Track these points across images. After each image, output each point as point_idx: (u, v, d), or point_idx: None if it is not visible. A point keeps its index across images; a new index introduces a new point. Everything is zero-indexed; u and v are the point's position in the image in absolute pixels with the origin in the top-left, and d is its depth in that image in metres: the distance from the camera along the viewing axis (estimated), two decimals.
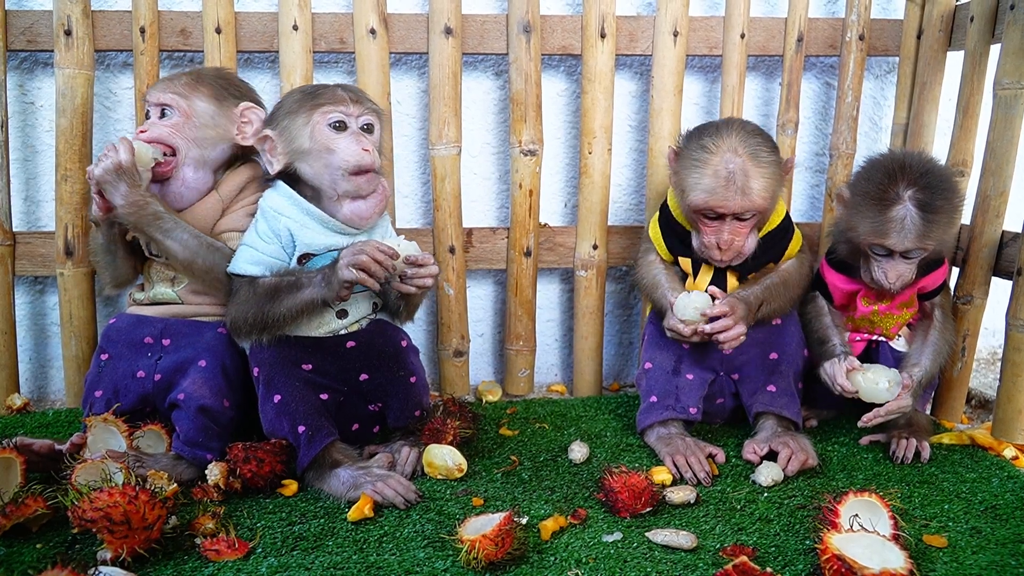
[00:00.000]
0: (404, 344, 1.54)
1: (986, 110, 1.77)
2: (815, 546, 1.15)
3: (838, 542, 1.09)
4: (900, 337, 1.67)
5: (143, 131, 1.47)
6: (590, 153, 1.91)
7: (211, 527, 1.22)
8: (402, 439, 1.52)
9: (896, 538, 1.14)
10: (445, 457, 1.44)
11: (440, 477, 1.44)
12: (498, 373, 2.13)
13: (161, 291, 1.53)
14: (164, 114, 1.49)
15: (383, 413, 1.53)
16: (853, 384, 1.51)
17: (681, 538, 1.21)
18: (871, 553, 1.08)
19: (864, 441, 1.62)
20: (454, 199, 1.90)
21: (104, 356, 1.50)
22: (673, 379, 1.61)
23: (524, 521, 1.26)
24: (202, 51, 1.81)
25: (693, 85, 2.05)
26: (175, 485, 1.27)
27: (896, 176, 1.49)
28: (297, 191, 1.45)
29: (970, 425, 1.82)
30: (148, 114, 1.52)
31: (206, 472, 1.36)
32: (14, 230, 1.84)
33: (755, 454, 1.51)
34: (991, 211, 1.72)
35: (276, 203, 1.45)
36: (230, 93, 1.52)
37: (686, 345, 1.62)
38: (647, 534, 1.23)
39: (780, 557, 1.19)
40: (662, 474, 1.42)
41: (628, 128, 2.06)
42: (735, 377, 1.64)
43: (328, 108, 1.42)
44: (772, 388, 1.59)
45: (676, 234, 1.66)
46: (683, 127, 1.92)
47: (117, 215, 1.42)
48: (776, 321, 1.62)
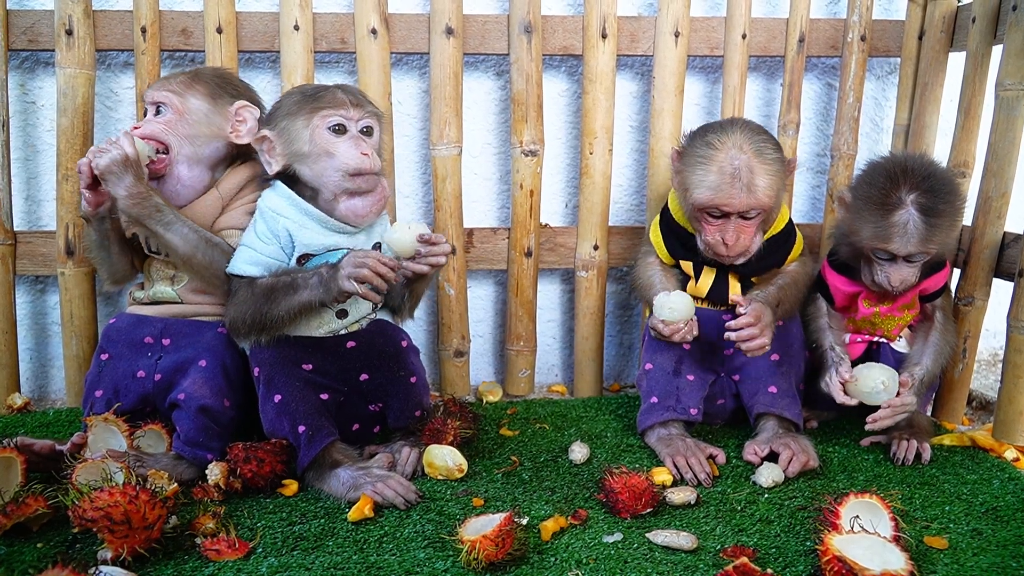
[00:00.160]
0: (404, 344, 1.54)
1: (988, 111, 1.77)
2: (816, 547, 1.15)
3: (839, 543, 1.09)
4: (901, 338, 1.67)
5: (137, 127, 1.48)
6: (591, 153, 1.91)
7: (211, 527, 1.22)
8: (402, 439, 1.52)
9: (897, 539, 1.14)
10: (445, 457, 1.44)
11: (440, 477, 1.44)
12: (499, 373, 2.13)
13: (161, 290, 1.53)
14: (159, 112, 1.49)
15: (383, 413, 1.53)
16: (852, 396, 1.51)
17: (681, 539, 1.21)
18: (872, 554, 1.08)
19: (865, 442, 1.62)
20: (455, 199, 1.90)
21: (104, 356, 1.50)
22: (674, 380, 1.61)
23: (524, 522, 1.26)
24: (203, 51, 1.81)
25: (694, 86, 2.04)
26: (175, 485, 1.27)
27: (898, 180, 1.47)
28: (296, 190, 1.45)
29: (971, 427, 1.82)
30: (146, 112, 1.53)
31: (206, 472, 1.36)
32: (15, 229, 1.84)
33: (756, 455, 1.50)
34: (992, 212, 1.72)
35: (275, 204, 1.44)
36: (226, 92, 1.52)
37: (686, 345, 1.62)
38: (647, 535, 1.23)
39: (781, 558, 1.19)
40: (662, 475, 1.42)
41: (629, 128, 2.06)
42: (736, 378, 1.64)
43: (328, 112, 1.41)
44: (773, 389, 1.59)
45: (678, 237, 1.66)
46: (684, 128, 1.92)
47: (119, 207, 1.41)
48: (779, 322, 1.62)
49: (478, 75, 2.00)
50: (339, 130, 1.42)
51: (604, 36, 1.87)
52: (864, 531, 1.13)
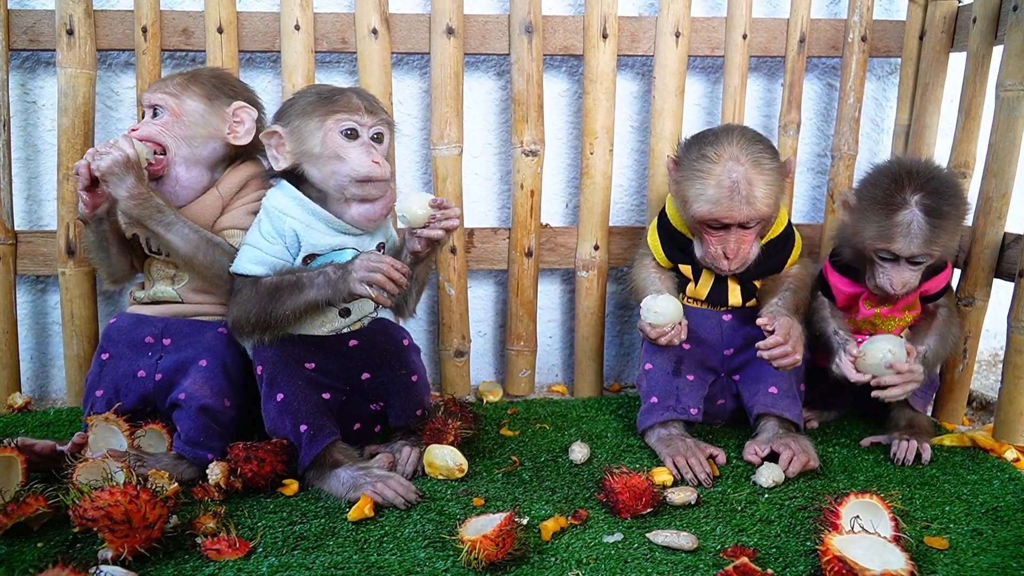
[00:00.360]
0: (406, 343, 1.54)
1: (988, 112, 1.77)
2: (816, 547, 1.15)
3: (839, 543, 1.09)
4: (902, 338, 1.66)
5: (135, 129, 1.48)
6: (591, 154, 1.91)
7: (212, 526, 1.22)
8: (403, 439, 1.52)
9: (897, 540, 1.14)
10: (446, 457, 1.44)
11: (441, 477, 1.44)
12: (499, 373, 2.13)
13: (161, 289, 1.53)
14: (156, 114, 1.50)
15: (385, 412, 1.53)
16: (864, 371, 1.48)
17: (682, 539, 1.21)
18: (872, 555, 1.08)
19: (865, 443, 1.62)
20: (455, 199, 1.90)
21: (105, 355, 1.50)
22: (673, 380, 1.61)
23: (525, 521, 1.25)
24: (204, 51, 1.81)
25: (695, 86, 2.05)
26: (176, 484, 1.27)
27: (903, 181, 1.48)
28: (301, 190, 1.45)
29: (971, 427, 1.82)
30: (143, 115, 1.53)
31: (207, 471, 1.36)
32: (16, 229, 1.84)
33: (756, 455, 1.50)
34: (993, 213, 1.72)
35: (281, 203, 1.45)
36: (223, 92, 1.52)
37: (686, 346, 1.62)
38: (648, 535, 1.23)
39: (781, 558, 1.19)
40: (663, 475, 1.42)
41: (630, 129, 2.06)
42: (736, 378, 1.64)
43: (342, 116, 1.42)
44: (773, 390, 1.59)
45: (676, 241, 1.66)
46: (685, 128, 1.93)
47: (120, 209, 1.42)
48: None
49: (479, 75, 2.00)
50: (351, 135, 1.42)
51: (605, 36, 1.87)
52: (864, 531, 1.13)
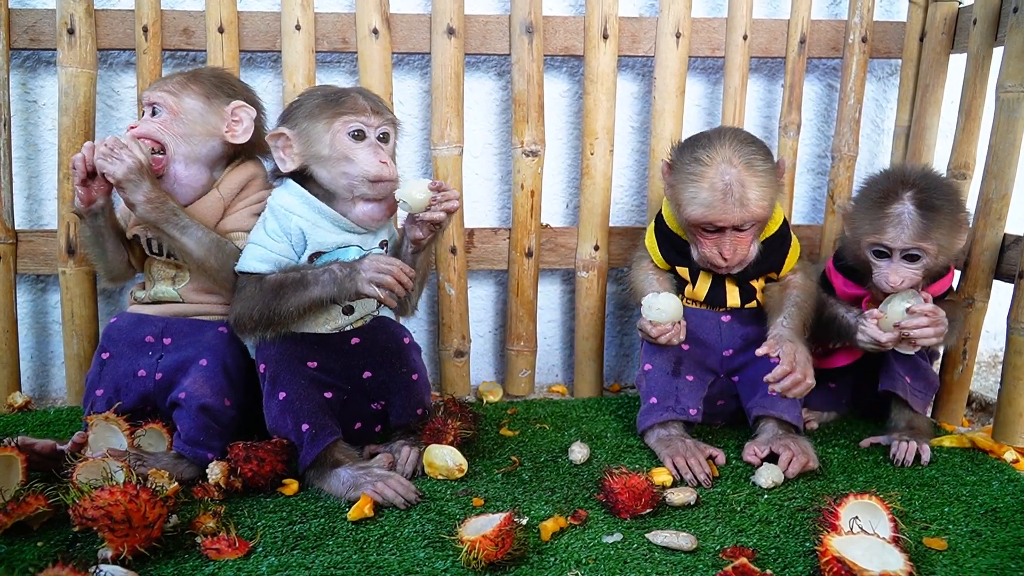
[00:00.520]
0: (407, 341, 1.54)
1: (988, 113, 1.77)
2: (815, 548, 1.15)
3: (838, 544, 1.09)
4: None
5: (133, 127, 1.48)
6: (592, 154, 1.91)
7: (212, 526, 1.22)
8: (403, 439, 1.52)
9: (896, 540, 1.14)
10: (445, 457, 1.44)
11: (440, 477, 1.44)
12: (499, 373, 2.13)
13: (162, 290, 1.53)
14: (155, 112, 1.50)
15: (385, 411, 1.53)
16: (888, 330, 1.49)
17: (681, 539, 1.21)
18: (871, 555, 1.08)
19: (865, 443, 1.62)
20: (457, 211, 1.89)
21: (105, 355, 1.50)
22: (673, 380, 1.61)
23: (524, 522, 1.26)
24: (204, 50, 1.82)
25: (695, 87, 2.05)
26: (176, 484, 1.27)
27: (897, 179, 1.54)
28: (305, 189, 1.45)
29: (971, 428, 1.82)
30: (143, 113, 1.53)
31: (207, 471, 1.36)
32: (16, 228, 1.84)
33: (755, 456, 1.50)
34: (992, 214, 1.72)
35: (287, 202, 1.45)
36: (222, 91, 1.52)
37: (685, 346, 1.62)
38: (647, 535, 1.23)
39: (780, 559, 1.19)
40: (662, 475, 1.42)
41: (630, 129, 2.06)
42: (735, 379, 1.64)
43: (349, 117, 1.42)
44: (773, 391, 1.58)
45: (672, 244, 1.66)
46: (685, 128, 1.93)
47: (136, 214, 1.42)
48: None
49: (479, 75, 2.00)
50: (358, 136, 1.43)
51: (605, 37, 1.87)
52: (863, 532, 1.13)
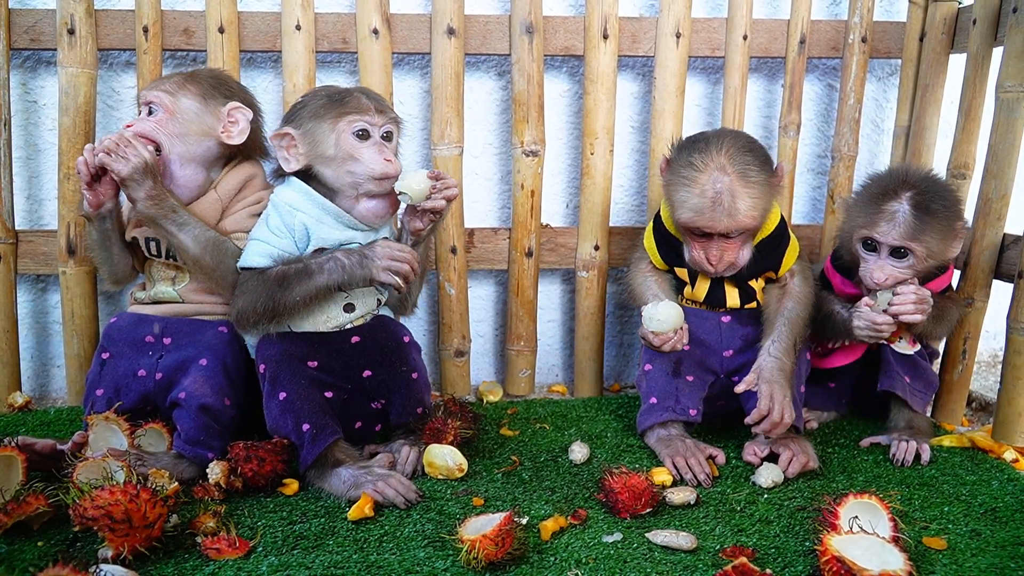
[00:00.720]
0: (407, 340, 1.54)
1: (988, 113, 1.77)
2: (815, 547, 1.15)
3: (838, 544, 1.09)
4: (902, 339, 1.66)
5: (129, 126, 1.48)
6: (592, 154, 1.92)
7: (212, 526, 1.22)
8: (403, 438, 1.52)
9: (896, 540, 1.14)
10: (446, 457, 1.44)
11: (441, 477, 1.44)
12: (499, 373, 2.13)
13: (162, 290, 1.54)
14: (151, 111, 1.50)
15: (386, 411, 1.53)
16: (883, 309, 1.52)
17: (681, 539, 1.21)
18: (871, 555, 1.08)
19: (864, 443, 1.62)
20: (456, 199, 1.90)
21: (105, 355, 1.51)
22: (673, 381, 1.61)
23: (524, 521, 1.26)
24: (205, 51, 1.82)
25: (695, 87, 2.05)
26: (176, 484, 1.27)
27: (899, 179, 1.54)
28: (311, 187, 1.46)
29: (970, 428, 1.82)
30: (140, 112, 1.53)
31: (207, 471, 1.36)
32: (16, 228, 1.84)
33: (755, 456, 1.50)
34: (992, 214, 1.72)
35: (291, 198, 1.46)
36: (219, 92, 1.53)
37: (686, 347, 1.62)
38: (647, 535, 1.23)
39: (780, 558, 1.19)
40: (662, 475, 1.42)
41: (630, 129, 2.06)
42: (735, 379, 1.64)
43: (354, 117, 1.44)
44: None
45: (670, 245, 1.65)
46: (685, 128, 1.93)
47: (136, 209, 1.43)
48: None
49: (479, 75, 2.00)
50: (363, 135, 1.44)
51: (605, 37, 1.87)
52: (863, 531, 1.13)
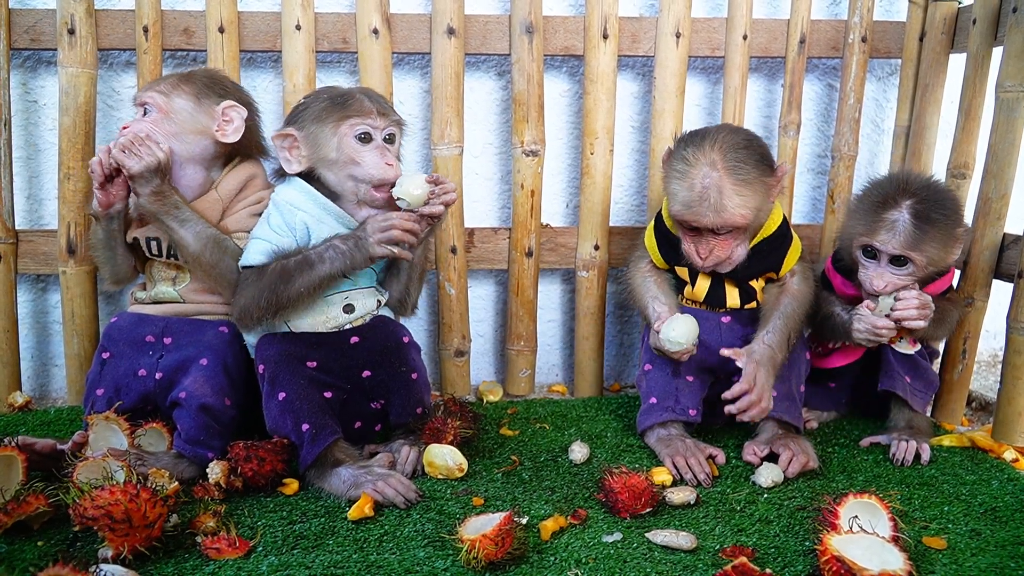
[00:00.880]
0: (406, 340, 1.54)
1: (988, 113, 1.77)
2: (815, 547, 1.15)
3: (837, 543, 1.09)
4: (903, 340, 1.66)
5: (126, 127, 1.49)
6: (592, 154, 1.92)
7: (212, 525, 1.22)
8: (403, 438, 1.52)
9: (895, 540, 1.14)
10: (445, 457, 1.44)
11: (440, 477, 1.44)
12: (499, 373, 2.13)
13: (163, 290, 1.54)
14: (146, 112, 1.51)
15: (385, 410, 1.53)
16: (884, 314, 1.52)
17: (681, 539, 1.21)
18: (870, 555, 1.08)
19: (864, 443, 1.62)
20: (455, 202, 1.90)
21: (106, 354, 1.51)
22: (673, 381, 1.61)
23: (524, 521, 1.26)
24: (205, 50, 1.82)
25: (695, 86, 2.05)
26: (176, 483, 1.27)
27: (899, 186, 1.53)
28: (313, 187, 1.47)
29: (970, 427, 1.82)
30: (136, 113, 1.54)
31: (207, 470, 1.36)
32: (17, 228, 1.84)
33: (755, 456, 1.51)
34: (992, 214, 1.72)
35: (292, 197, 1.46)
36: (213, 91, 1.53)
37: None
38: (647, 535, 1.23)
39: (780, 558, 1.19)
40: (662, 475, 1.42)
41: (630, 129, 2.06)
42: (735, 379, 1.64)
43: (356, 120, 1.44)
44: (773, 392, 1.58)
45: (670, 243, 1.65)
46: (685, 128, 1.92)
47: (139, 203, 1.44)
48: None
49: (479, 75, 2.00)
50: (365, 138, 1.45)
51: (605, 37, 1.87)
52: (863, 531, 1.13)
